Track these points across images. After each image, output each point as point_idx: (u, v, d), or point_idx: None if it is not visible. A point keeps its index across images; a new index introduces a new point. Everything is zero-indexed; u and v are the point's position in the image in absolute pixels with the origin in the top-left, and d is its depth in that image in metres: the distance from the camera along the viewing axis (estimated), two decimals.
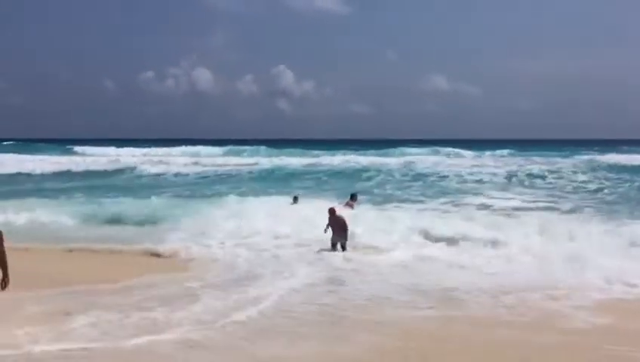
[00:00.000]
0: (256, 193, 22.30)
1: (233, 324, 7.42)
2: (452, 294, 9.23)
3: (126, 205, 18.06)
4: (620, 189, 24.77)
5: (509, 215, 17.27)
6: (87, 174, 35.23)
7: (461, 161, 45.12)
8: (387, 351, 6.69)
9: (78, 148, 62.85)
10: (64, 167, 38.60)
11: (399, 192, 24.81)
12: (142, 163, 42.06)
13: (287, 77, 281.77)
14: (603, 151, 52.52)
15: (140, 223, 15.35)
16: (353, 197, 16.03)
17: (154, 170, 36.86)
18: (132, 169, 37.10)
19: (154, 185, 28.90)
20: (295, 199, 16.54)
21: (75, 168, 38.33)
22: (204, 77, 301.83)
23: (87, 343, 6.75)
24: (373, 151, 58.21)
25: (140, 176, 34.23)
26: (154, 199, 18.79)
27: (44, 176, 34.25)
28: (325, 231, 12.80)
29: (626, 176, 28.71)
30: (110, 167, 38.95)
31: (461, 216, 16.73)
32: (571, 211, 18.55)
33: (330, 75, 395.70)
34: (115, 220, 16.06)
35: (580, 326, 7.65)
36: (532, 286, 9.60)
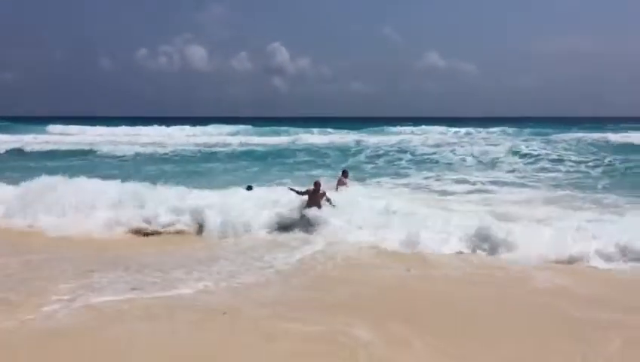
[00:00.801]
0: (248, 171, 23.46)
1: (246, 280, 9.31)
2: (426, 257, 10.90)
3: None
4: (609, 166, 26.23)
5: (489, 190, 19.16)
6: (43, 154, 34.27)
7: (455, 139, 46.60)
8: (361, 297, 8.51)
9: (51, 128, 61.77)
10: (18, 145, 37.91)
11: (387, 167, 27.23)
12: (115, 143, 41.17)
13: (282, 54, 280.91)
14: (597, 129, 54.25)
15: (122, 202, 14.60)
16: (345, 173, 16.74)
17: (130, 149, 36.05)
18: (96, 149, 36.07)
19: (133, 164, 29.61)
20: (249, 188, 16.07)
21: (28, 148, 36.99)
22: (198, 54, 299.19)
23: (122, 295, 8.24)
24: (367, 129, 59.40)
25: (108, 156, 33.76)
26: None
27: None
28: (296, 192, 13.78)
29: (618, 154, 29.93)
30: (76, 147, 37.77)
31: (437, 191, 19.08)
32: (554, 185, 20.24)
33: (326, 52, 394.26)
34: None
35: (544, 286, 8.98)
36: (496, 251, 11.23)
